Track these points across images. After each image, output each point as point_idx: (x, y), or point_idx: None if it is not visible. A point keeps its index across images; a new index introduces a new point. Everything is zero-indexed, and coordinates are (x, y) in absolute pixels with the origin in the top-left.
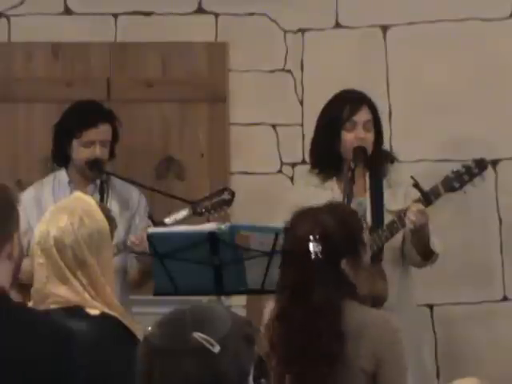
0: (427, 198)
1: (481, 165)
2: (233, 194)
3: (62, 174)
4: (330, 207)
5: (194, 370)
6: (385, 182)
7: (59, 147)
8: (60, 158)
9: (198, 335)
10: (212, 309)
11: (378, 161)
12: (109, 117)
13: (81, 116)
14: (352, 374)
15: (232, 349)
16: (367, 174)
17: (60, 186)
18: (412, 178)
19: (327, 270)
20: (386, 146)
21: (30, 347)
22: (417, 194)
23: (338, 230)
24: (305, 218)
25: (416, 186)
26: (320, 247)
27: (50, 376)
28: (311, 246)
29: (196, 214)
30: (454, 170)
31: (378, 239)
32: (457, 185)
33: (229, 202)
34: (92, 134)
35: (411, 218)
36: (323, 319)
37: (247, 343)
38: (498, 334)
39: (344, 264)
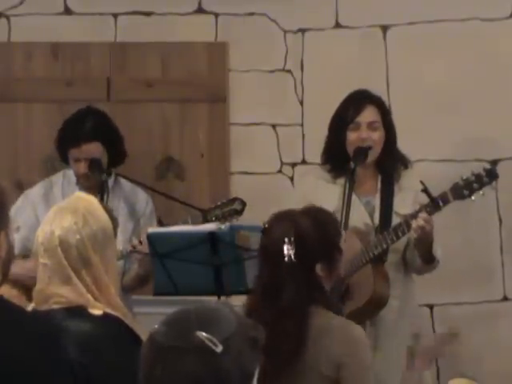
0: (435, 204)
1: (491, 174)
2: (244, 204)
3: (71, 173)
4: (309, 210)
5: (196, 368)
6: (396, 186)
7: (61, 154)
8: (66, 160)
9: (201, 334)
10: (218, 309)
11: (388, 161)
12: (96, 134)
13: (67, 134)
14: (312, 378)
15: (235, 349)
16: (379, 177)
17: (69, 184)
18: (421, 182)
19: (300, 274)
20: None
21: (16, 346)
22: (426, 200)
23: (314, 232)
24: (282, 220)
25: (425, 191)
26: (294, 250)
27: (36, 376)
28: (285, 248)
29: (206, 222)
30: (464, 177)
31: (384, 241)
32: (466, 193)
33: (240, 212)
34: (75, 152)
35: (417, 226)
36: (289, 321)
37: (252, 345)
38: (498, 334)
39: (319, 269)
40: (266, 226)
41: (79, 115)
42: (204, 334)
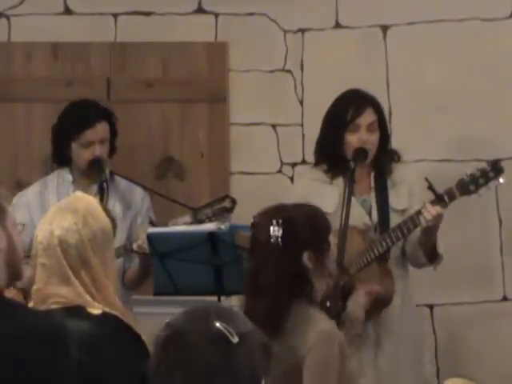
0: (442, 200)
1: (496, 168)
2: (234, 202)
3: (66, 173)
4: (299, 204)
5: (211, 353)
6: (389, 181)
7: (59, 149)
8: (61, 159)
9: (219, 323)
10: (235, 311)
11: (382, 161)
12: (104, 114)
13: (77, 118)
14: (286, 370)
15: (249, 348)
16: (372, 174)
17: (64, 184)
18: (426, 180)
19: (284, 258)
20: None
21: (19, 345)
22: (418, 192)
23: (303, 220)
24: (270, 210)
25: (430, 188)
26: (280, 232)
27: (41, 374)
28: (271, 230)
29: (196, 221)
30: (469, 173)
31: (389, 238)
32: (472, 188)
33: (230, 210)
34: (90, 134)
35: (428, 217)
36: (264, 301)
37: (263, 352)
38: (498, 334)
39: (306, 258)
40: (255, 220)
41: (78, 103)
42: (222, 323)
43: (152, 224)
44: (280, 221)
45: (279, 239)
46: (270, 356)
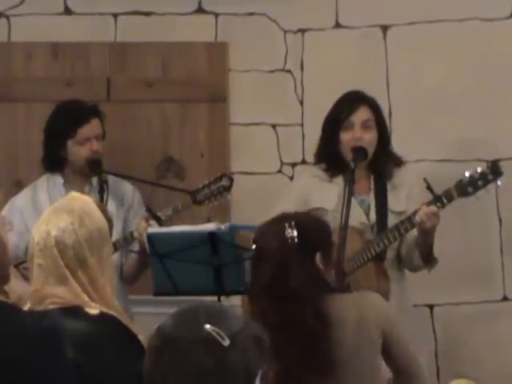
0: (439, 201)
1: (495, 170)
2: (231, 180)
3: (56, 176)
4: (299, 212)
5: (203, 358)
6: (389, 184)
7: (53, 150)
8: (54, 161)
9: (209, 327)
10: (226, 308)
11: (383, 163)
12: (96, 110)
13: (71, 115)
14: (360, 357)
15: (241, 346)
16: (372, 176)
17: (55, 186)
18: (425, 180)
19: (302, 259)
20: None
21: (15, 346)
22: (417, 194)
23: (312, 222)
24: (275, 219)
25: (428, 188)
26: (295, 232)
27: (35, 376)
28: (286, 232)
29: (196, 203)
30: (468, 174)
31: (386, 238)
32: (470, 190)
33: (228, 188)
34: (86, 130)
35: (423, 218)
36: (303, 302)
37: (258, 346)
38: (498, 334)
39: (318, 259)
40: (260, 231)
41: (67, 103)
42: (212, 326)
43: (149, 210)
44: (293, 222)
45: (295, 240)
46: (265, 348)
